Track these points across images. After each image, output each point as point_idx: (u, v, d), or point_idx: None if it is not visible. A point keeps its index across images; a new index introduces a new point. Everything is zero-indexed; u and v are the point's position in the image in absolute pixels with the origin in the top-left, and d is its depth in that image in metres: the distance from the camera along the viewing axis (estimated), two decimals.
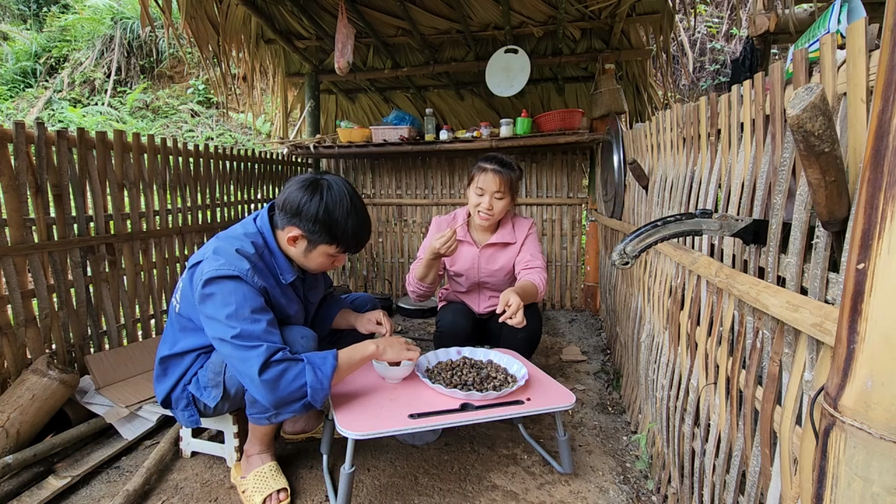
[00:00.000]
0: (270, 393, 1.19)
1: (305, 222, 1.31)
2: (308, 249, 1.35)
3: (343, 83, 3.92)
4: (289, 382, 1.20)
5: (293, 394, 1.21)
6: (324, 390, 1.24)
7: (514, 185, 1.90)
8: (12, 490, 1.41)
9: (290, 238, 1.34)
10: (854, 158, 0.67)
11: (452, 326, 1.85)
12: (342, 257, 1.42)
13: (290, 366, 1.21)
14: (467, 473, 1.56)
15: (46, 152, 1.80)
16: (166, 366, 1.43)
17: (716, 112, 1.19)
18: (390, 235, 3.95)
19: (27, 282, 1.78)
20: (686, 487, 1.26)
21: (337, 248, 1.36)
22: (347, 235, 1.34)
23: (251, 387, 1.21)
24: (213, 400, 1.36)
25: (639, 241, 0.93)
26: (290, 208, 1.32)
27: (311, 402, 1.24)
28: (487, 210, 1.89)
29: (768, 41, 2.50)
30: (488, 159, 1.90)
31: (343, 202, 1.32)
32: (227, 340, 1.19)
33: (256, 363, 1.17)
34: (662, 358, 1.48)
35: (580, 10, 2.90)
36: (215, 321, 1.22)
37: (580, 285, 3.67)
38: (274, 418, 1.35)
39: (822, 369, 0.73)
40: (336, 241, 1.34)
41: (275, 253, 1.38)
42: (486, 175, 1.86)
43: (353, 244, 1.38)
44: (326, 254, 1.37)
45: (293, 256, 1.40)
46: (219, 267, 1.23)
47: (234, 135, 7.00)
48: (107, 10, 7.59)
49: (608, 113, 2.94)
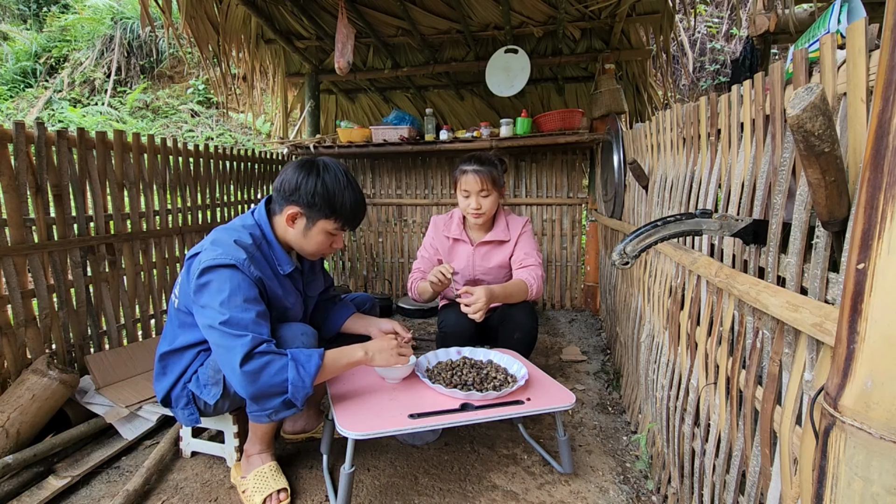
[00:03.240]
0: (250, 384, 1.19)
1: (304, 198, 1.33)
2: (307, 227, 1.37)
3: (343, 83, 3.92)
4: (270, 376, 1.20)
5: (273, 388, 1.21)
6: (305, 388, 1.23)
7: (496, 180, 1.91)
8: (12, 490, 1.41)
9: (289, 217, 1.36)
10: (854, 158, 0.67)
11: (456, 326, 1.85)
12: (340, 237, 1.45)
13: (272, 359, 1.21)
14: (467, 473, 1.56)
15: (46, 152, 1.80)
16: (166, 363, 1.43)
17: (716, 112, 1.19)
18: (390, 235, 3.95)
19: (27, 282, 1.78)
20: (686, 487, 1.26)
21: (335, 222, 1.38)
22: (346, 209, 1.37)
23: (232, 377, 1.21)
24: (212, 398, 1.36)
25: (639, 241, 0.93)
26: (288, 188, 1.34)
27: (292, 399, 1.23)
28: (476, 210, 1.91)
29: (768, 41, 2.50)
30: (467, 160, 1.93)
31: (339, 178, 1.36)
32: (216, 327, 1.20)
33: (240, 353, 1.17)
34: (662, 358, 1.48)
35: (580, 10, 2.90)
36: (208, 308, 1.23)
37: (580, 285, 3.67)
38: (274, 416, 1.34)
39: (822, 369, 0.73)
40: (335, 214, 1.36)
41: (272, 244, 1.40)
42: (468, 176, 1.88)
43: (350, 218, 1.40)
44: (325, 231, 1.39)
45: (292, 240, 1.41)
46: (216, 256, 1.25)
47: (234, 135, 7.00)
48: (107, 10, 7.59)
49: (608, 113, 2.94)
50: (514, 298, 1.83)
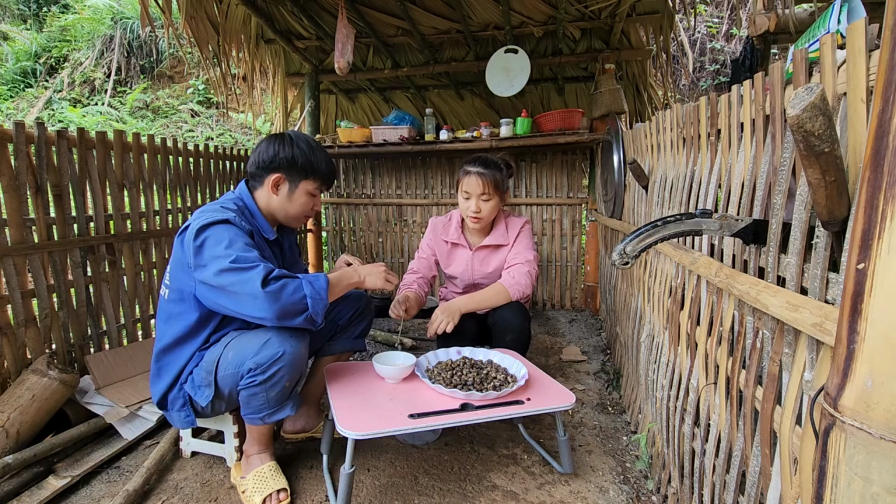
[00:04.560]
0: (274, 303, 1.22)
1: (284, 163, 1.45)
2: (290, 191, 1.49)
3: (343, 83, 3.92)
4: (290, 294, 1.25)
5: (295, 304, 1.26)
6: (322, 301, 1.31)
7: (500, 185, 1.87)
8: (12, 490, 1.41)
9: (273, 184, 1.46)
10: (854, 158, 0.67)
11: (458, 327, 1.85)
12: (319, 199, 1.58)
13: (288, 281, 1.27)
14: (467, 473, 1.56)
15: (46, 152, 1.80)
16: (160, 364, 1.44)
17: (716, 112, 1.19)
18: (390, 235, 3.95)
19: (27, 282, 1.78)
20: (686, 487, 1.26)
21: (314, 182, 1.51)
22: (322, 168, 1.51)
23: (254, 304, 1.22)
24: (204, 399, 1.36)
25: (639, 241, 0.93)
26: (267, 158, 1.46)
27: (312, 314, 1.29)
28: (475, 213, 1.88)
29: (768, 41, 2.50)
30: (472, 161, 1.90)
31: (310, 143, 1.50)
32: (226, 268, 1.23)
33: (258, 279, 1.21)
34: (662, 358, 1.48)
35: (580, 10, 2.90)
36: (213, 260, 1.26)
37: (580, 285, 3.67)
38: (267, 418, 1.35)
39: (822, 369, 0.73)
40: (314, 173, 1.49)
41: (255, 214, 1.49)
42: (471, 178, 1.85)
43: (327, 176, 1.53)
44: (307, 192, 1.51)
45: (276, 207, 1.50)
46: (208, 217, 1.32)
47: (234, 135, 7.00)
48: (107, 10, 7.59)
49: (608, 113, 2.93)
50: (489, 305, 1.82)
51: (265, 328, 1.31)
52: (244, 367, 1.28)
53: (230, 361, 1.31)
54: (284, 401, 1.37)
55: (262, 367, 1.27)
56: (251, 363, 1.27)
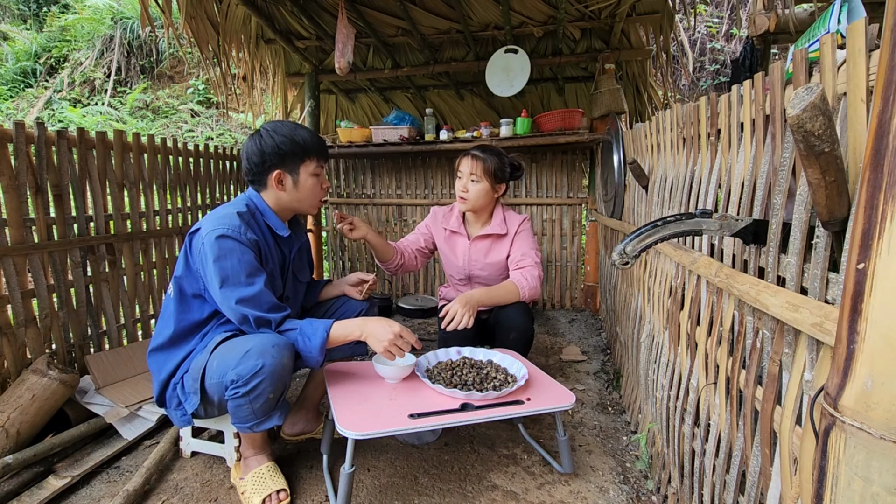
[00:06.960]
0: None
1: (274, 157, 1.43)
2: (294, 181, 1.47)
3: (343, 83, 3.92)
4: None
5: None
6: (314, 358, 1.35)
7: (490, 171, 1.89)
8: (12, 490, 1.41)
9: (275, 180, 1.45)
10: (854, 158, 0.67)
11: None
12: (324, 176, 1.55)
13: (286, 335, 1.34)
14: (467, 473, 1.56)
15: (46, 152, 1.80)
16: (153, 360, 1.45)
17: (716, 112, 1.19)
18: (390, 235, 3.94)
19: (27, 282, 1.78)
20: (686, 487, 1.26)
21: (311, 160, 1.48)
22: (310, 144, 1.47)
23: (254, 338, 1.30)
24: (191, 406, 1.36)
25: (639, 241, 0.93)
26: (257, 160, 1.43)
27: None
28: (462, 191, 1.92)
29: (768, 41, 2.50)
30: (474, 147, 1.95)
31: (285, 125, 1.46)
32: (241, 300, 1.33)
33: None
34: (662, 358, 1.48)
35: (580, 10, 2.90)
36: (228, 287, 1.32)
37: (580, 285, 3.67)
38: (256, 427, 1.33)
39: (822, 369, 0.73)
40: (308, 153, 1.46)
41: (266, 213, 1.49)
42: (465, 158, 1.92)
43: (319, 149, 1.50)
44: (310, 174, 1.48)
45: (287, 202, 1.50)
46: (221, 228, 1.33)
47: (234, 135, 7.00)
48: (107, 10, 7.59)
49: (608, 113, 2.93)
50: (502, 301, 1.82)
51: (248, 336, 1.32)
52: (227, 378, 1.26)
53: (215, 370, 1.29)
54: (271, 411, 1.34)
55: (243, 380, 1.24)
56: (233, 374, 1.24)
